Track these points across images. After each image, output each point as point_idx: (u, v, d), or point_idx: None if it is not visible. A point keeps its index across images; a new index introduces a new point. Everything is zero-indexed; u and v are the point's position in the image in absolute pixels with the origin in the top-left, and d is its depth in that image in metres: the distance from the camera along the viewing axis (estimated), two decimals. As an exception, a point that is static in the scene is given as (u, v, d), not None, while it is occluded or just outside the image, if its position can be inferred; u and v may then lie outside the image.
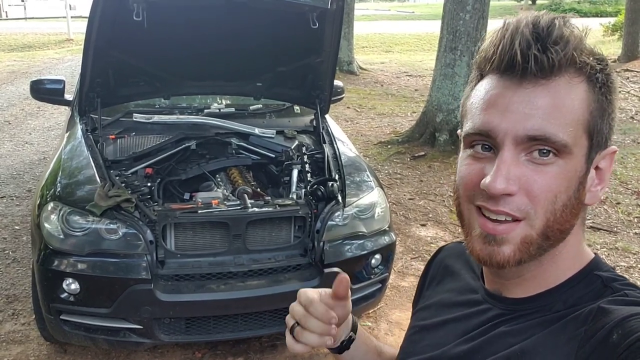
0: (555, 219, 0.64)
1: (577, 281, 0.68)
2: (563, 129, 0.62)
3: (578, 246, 0.70)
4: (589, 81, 0.63)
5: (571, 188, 0.64)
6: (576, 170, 0.64)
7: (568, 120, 0.62)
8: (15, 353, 2.99)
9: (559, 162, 0.63)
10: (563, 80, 0.62)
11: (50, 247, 2.65)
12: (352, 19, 12.28)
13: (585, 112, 0.63)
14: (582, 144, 0.64)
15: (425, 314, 0.87)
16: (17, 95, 9.48)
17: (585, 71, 0.63)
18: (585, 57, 0.62)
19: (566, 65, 0.62)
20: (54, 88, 3.87)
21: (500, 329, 0.70)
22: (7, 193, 5.19)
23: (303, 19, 3.16)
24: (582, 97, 0.63)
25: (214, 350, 3.08)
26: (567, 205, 0.64)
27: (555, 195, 0.63)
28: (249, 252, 2.81)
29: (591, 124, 0.64)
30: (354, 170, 3.32)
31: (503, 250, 0.65)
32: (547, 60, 0.61)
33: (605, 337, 0.58)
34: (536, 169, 0.63)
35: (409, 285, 3.87)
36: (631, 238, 4.59)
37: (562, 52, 0.61)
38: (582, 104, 0.63)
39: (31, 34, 17.77)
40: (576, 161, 0.64)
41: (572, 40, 0.61)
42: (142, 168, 3.15)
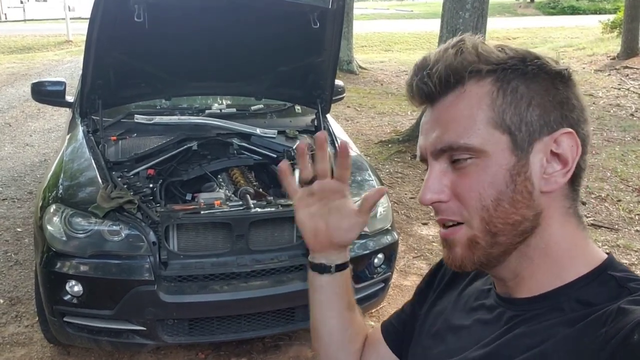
0: (490, 215, 0.68)
1: (590, 280, 0.68)
2: (463, 134, 0.67)
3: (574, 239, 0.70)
4: (494, 81, 0.67)
5: (499, 183, 0.67)
6: (500, 164, 0.67)
7: (467, 125, 0.67)
8: (19, 355, 3.00)
9: (475, 161, 0.67)
10: (455, 94, 0.69)
11: (53, 249, 2.65)
12: (351, 18, 12.28)
13: (486, 112, 0.67)
14: (496, 140, 0.67)
15: (437, 319, 0.86)
16: (17, 98, 9.48)
17: (484, 74, 0.68)
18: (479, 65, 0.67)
19: (449, 81, 0.68)
20: (55, 90, 3.87)
21: (516, 331, 0.69)
22: (9, 195, 5.19)
23: (304, 18, 3.16)
24: (480, 99, 0.67)
25: (217, 351, 3.08)
26: (500, 199, 0.67)
27: (479, 194, 0.67)
28: (251, 253, 2.80)
29: (500, 118, 0.67)
30: (355, 169, 3.32)
31: (455, 252, 0.71)
32: (426, 86, 0.70)
33: (625, 337, 0.58)
34: (459, 174, 0.69)
35: (411, 284, 3.87)
36: (632, 235, 4.60)
37: (435, 75, 0.68)
38: (479, 106, 0.67)
39: (30, 35, 17.77)
40: (496, 156, 0.67)
41: (445, 60, 0.68)
42: (144, 169, 3.14)
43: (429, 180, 0.71)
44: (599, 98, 9.30)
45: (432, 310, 0.89)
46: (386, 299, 3.46)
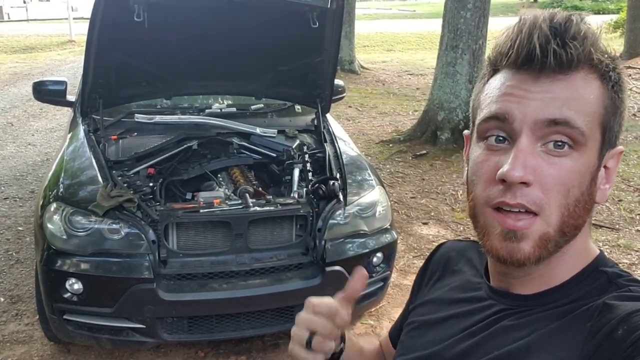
0: (569, 213, 0.64)
1: (583, 278, 0.68)
2: (582, 117, 0.62)
3: (585, 243, 0.70)
4: (602, 78, 0.64)
5: (584, 183, 0.64)
6: (589, 165, 0.64)
7: (586, 111, 0.63)
8: (20, 353, 3.01)
9: (573, 154, 0.63)
10: (580, 76, 0.63)
11: (53, 247, 2.66)
12: (353, 18, 12.27)
13: (600, 107, 0.64)
14: (596, 138, 0.64)
15: (424, 309, 0.87)
16: (19, 97, 9.51)
17: (600, 68, 0.64)
18: (600, 55, 0.64)
19: (583, 61, 0.63)
20: (56, 89, 3.89)
21: (503, 322, 0.70)
22: (10, 194, 5.21)
23: (303, 18, 3.17)
24: (597, 92, 0.64)
25: (216, 350, 3.09)
26: (580, 200, 0.64)
27: (568, 189, 0.63)
28: (250, 251, 2.82)
29: (605, 119, 0.65)
30: (355, 169, 3.33)
31: (523, 247, 0.64)
32: (565, 55, 0.62)
33: (610, 332, 0.58)
34: (550, 161, 0.63)
35: (411, 283, 3.83)
36: (633, 235, 4.59)
37: (580, 47, 0.62)
38: (597, 99, 0.64)
39: (33, 35, 17.83)
40: (590, 155, 0.64)
41: (589, 37, 0.63)
42: (144, 168, 3.16)
43: (521, 155, 0.62)
44: (601, 98, 9.28)
45: (422, 301, 0.90)
46: (385, 298, 3.47)
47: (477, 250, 0.85)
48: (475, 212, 0.69)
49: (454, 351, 0.74)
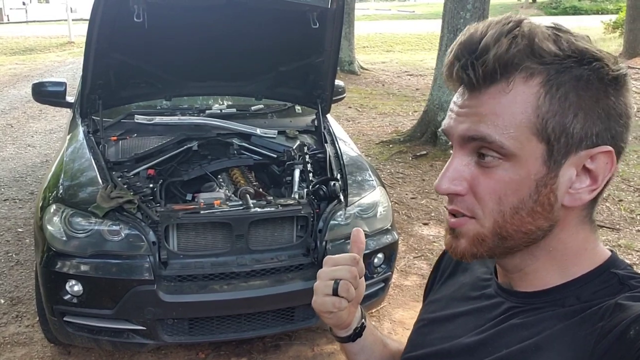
0: (504, 220, 0.66)
1: (592, 278, 0.68)
2: (501, 132, 0.63)
3: (583, 244, 0.69)
4: (544, 83, 0.62)
5: (522, 191, 0.64)
6: (529, 173, 0.64)
7: (507, 124, 0.63)
8: (20, 355, 3.00)
9: (504, 165, 0.64)
10: (499, 89, 0.63)
11: (53, 249, 2.65)
12: (352, 18, 12.28)
13: (530, 116, 0.62)
14: (532, 147, 0.63)
15: (435, 306, 0.87)
16: (19, 99, 9.51)
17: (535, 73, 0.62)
18: (531, 61, 0.62)
19: (495, 74, 0.63)
20: (55, 90, 3.88)
21: (512, 321, 0.70)
22: (10, 196, 5.20)
23: (303, 18, 3.17)
24: (526, 101, 0.62)
25: (217, 351, 3.08)
26: (519, 207, 0.65)
27: (499, 198, 0.65)
28: (251, 252, 2.81)
29: (542, 126, 0.62)
30: (355, 169, 3.32)
31: (460, 243, 0.69)
32: (467, 77, 0.64)
33: (622, 333, 0.58)
34: (483, 172, 0.66)
35: (412, 284, 3.87)
36: (634, 235, 4.59)
37: (481, 67, 0.63)
38: (523, 108, 0.62)
39: (33, 37, 17.83)
40: (527, 164, 0.64)
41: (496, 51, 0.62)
42: (144, 169, 3.15)
43: (449, 169, 0.68)
44: (601, 98, 9.28)
45: (433, 298, 0.90)
46: (387, 299, 3.46)
47: None
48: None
49: (462, 348, 0.74)
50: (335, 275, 0.83)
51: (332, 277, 0.83)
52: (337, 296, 0.82)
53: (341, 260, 0.84)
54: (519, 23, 0.63)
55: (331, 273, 0.83)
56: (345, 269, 0.83)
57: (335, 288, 0.82)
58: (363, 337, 0.92)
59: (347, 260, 0.84)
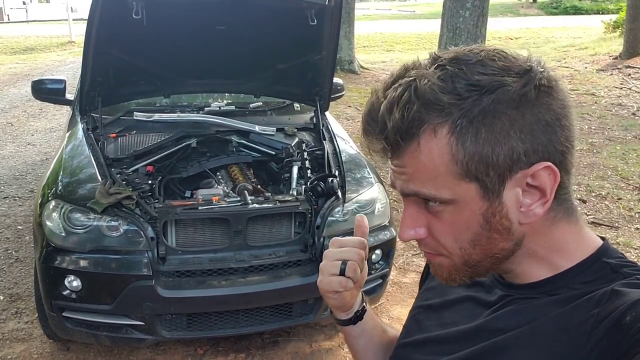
0: (468, 253, 0.68)
1: (585, 267, 0.68)
2: (430, 185, 0.65)
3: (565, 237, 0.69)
4: (451, 131, 0.62)
5: (473, 226, 0.66)
6: (472, 210, 0.65)
7: (432, 177, 0.64)
8: (19, 351, 3.01)
9: (448, 208, 0.66)
10: (411, 151, 0.64)
11: (52, 244, 2.66)
12: (352, 18, 12.26)
13: (448, 165, 0.63)
14: (464, 189, 0.64)
15: (430, 294, 0.88)
16: (19, 97, 9.52)
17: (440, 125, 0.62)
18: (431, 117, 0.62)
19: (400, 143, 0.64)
20: (55, 88, 3.89)
21: (508, 308, 0.71)
22: (10, 194, 5.22)
23: (301, 15, 3.17)
24: (440, 153, 0.63)
25: (215, 347, 3.09)
26: (476, 240, 0.67)
27: (454, 237, 0.68)
28: (249, 248, 2.82)
29: (464, 170, 0.63)
30: (354, 166, 3.33)
31: (441, 273, 0.73)
32: (378, 149, 0.67)
33: (618, 319, 0.58)
34: (434, 216, 0.68)
35: (410, 281, 3.88)
36: (632, 233, 4.59)
37: (384, 141, 0.65)
38: (440, 160, 0.63)
39: (33, 36, 17.83)
40: (466, 204, 0.65)
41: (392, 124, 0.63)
42: (143, 166, 3.16)
43: (405, 219, 0.71)
44: (601, 97, 9.29)
45: (429, 286, 0.91)
46: (385, 295, 3.47)
47: None
48: None
49: (458, 335, 0.75)
50: (343, 256, 0.85)
51: (339, 258, 0.85)
52: (344, 277, 0.84)
53: (348, 242, 0.86)
54: (409, 84, 0.63)
55: (339, 254, 0.85)
56: (354, 250, 0.85)
57: (342, 268, 0.84)
58: (364, 320, 0.94)
59: (355, 243, 0.86)
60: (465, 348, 0.72)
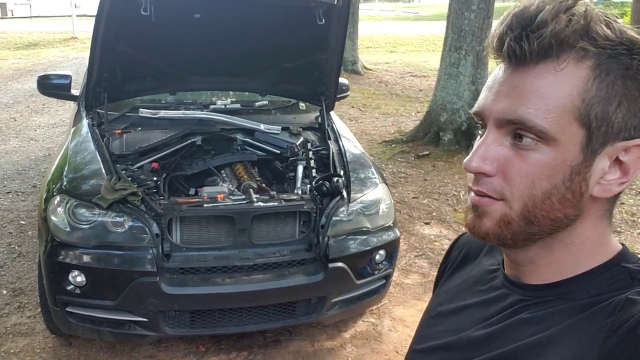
0: (534, 204, 0.64)
1: (602, 272, 0.67)
2: (542, 115, 0.61)
3: (600, 238, 0.68)
4: (594, 67, 0.61)
5: (556, 177, 0.63)
6: (565, 159, 0.62)
7: (550, 107, 0.61)
8: (21, 345, 3.01)
9: (541, 148, 0.62)
10: (548, 67, 0.61)
11: (57, 239, 2.66)
12: (356, 19, 12.28)
13: (575, 100, 0.61)
14: (572, 133, 0.62)
15: (442, 298, 0.86)
16: (22, 93, 9.52)
17: (587, 55, 0.61)
18: (586, 42, 0.60)
19: (549, 51, 0.61)
20: (60, 83, 3.90)
21: (521, 315, 0.69)
22: (13, 188, 5.22)
23: (309, 15, 3.17)
24: (574, 83, 0.61)
25: (217, 345, 3.09)
26: (551, 193, 0.63)
27: (532, 181, 0.63)
28: (254, 246, 2.82)
29: (585, 112, 0.61)
30: (358, 166, 3.33)
31: (484, 222, 0.67)
32: (520, 49, 0.61)
33: (633, 328, 0.57)
34: (517, 154, 0.64)
35: (412, 282, 3.87)
36: (635, 238, 4.59)
37: (536, 40, 0.60)
38: (570, 91, 0.61)
39: (36, 32, 17.82)
40: (565, 150, 0.62)
41: (554, 27, 0.60)
42: (148, 163, 3.16)
43: (481, 147, 0.65)
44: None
45: (440, 290, 0.89)
46: (387, 296, 3.47)
47: None
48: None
49: (470, 342, 0.73)
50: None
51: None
52: None
53: None
54: (575, 1, 0.61)
55: None
56: None
57: None
58: None
59: None
60: (476, 356, 0.70)
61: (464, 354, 0.72)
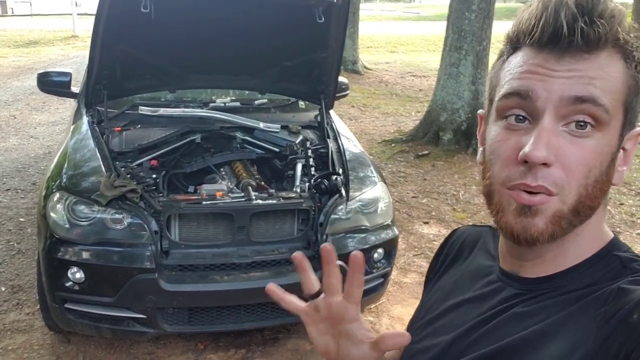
0: (587, 194, 0.63)
1: (596, 261, 0.67)
2: (607, 95, 0.61)
3: (599, 225, 0.69)
4: (626, 58, 0.63)
5: (604, 163, 0.63)
6: (610, 145, 0.63)
7: (611, 89, 0.62)
8: (20, 342, 3.02)
9: (596, 135, 0.62)
10: (605, 54, 0.62)
11: (56, 236, 2.67)
12: (357, 18, 12.28)
13: (624, 86, 0.63)
14: (618, 117, 0.63)
15: (438, 295, 0.86)
16: (22, 91, 9.52)
17: (625, 48, 0.63)
18: (624, 34, 0.63)
19: (610, 40, 0.62)
20: (60, 80, 3.90)
21: (516, 309, 0.69)
22: (12, 186, 5.22)
23: (309, 13, 3.17)
24: (621, 71, 0.63)
25: (216, 342, 3.10)
26: (598, 181, 0.63)
27: (589, 170, 0.62)
28: (252, 244, 2.82)
29: (628, 98, 0.63)
30: (357, 165, 3.33)
31: (537, 222, 0.63)
32: (593, 34, 0.61)
33: (625, 317, 0.58)
34: (573, 141, 0.62)
35: (411, 281, 3.88)
36: (634, 239, 4.60)
37: (608, 26, 0.61)
38: (621, 78, 0.63)
39: (37, 30, 17.82)
40: (612, 135, 0.63)
41: (616, 15, 0.62)
42: (148, 160, 3.16)
43: (545, 135, 0.61)
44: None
45: (435, 286, 0.89)
46: (385, 295, 3.47)
47: (492, 235, 0.84)
48: (490, 190, 0.68)
49: (466, 338, 0.73)
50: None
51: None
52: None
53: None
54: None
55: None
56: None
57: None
58: None
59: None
60: (473, 352, 0.70)
61: (461, 351, 0.72)
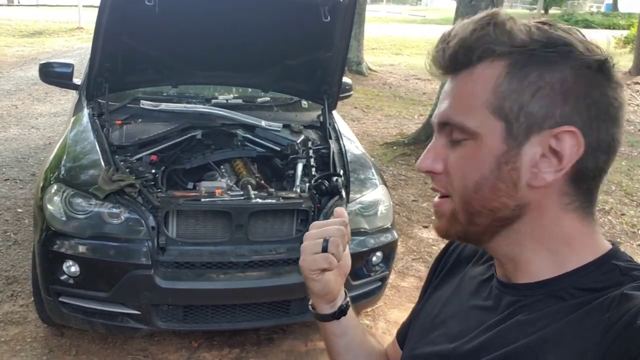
0: (469, 196, 0.68)
1: (593, 268, 0.67)
2: (463, 112, 0.67)
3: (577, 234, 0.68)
4: (507, 65, 0.65)
5: (484, 167, 0.67)
6: (490, 150, 0.66)
7: (468, 105, 0.67)
8: (13, 334, 2.99)
9: (468, 143, 0.68)
10: (467, 71, 0.67)
11: (52, 228, 2.64)
12: (363, 19, 12.24)
13: (489, 95, 0.65)
14: (491, 125, 0.66)
15: (438, 302, 0.86)
16: (25, 81, 9.51)
17: (498, 55, 0.65)
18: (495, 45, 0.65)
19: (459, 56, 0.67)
20: (62, 72, 3.86)
21: (518, 317, 0.69)
22: (11, 176, 5.20)
23: (315, 12, 3.15)
24: (486, 81, 0.66)
25: (210, 341, 3.07)
26: (481, 183, 0.67)
27: (463, 174, 0.68)
28: (250, 243, 2.80)
29: (499, 104, 0.65)
30: (359, 167, 3.31)
31: (441, 222, 0.73)
32: (442, 59, 0.69)
33: (629, 322, 0.58)
34: (454, 152, 0.69)
35: (409, 285, 3.85)
36: (635, 249, 4.57)
37: (448, 50, 0.67)
38: (485, 87, 0.66)
39: (42, 20, 17.84)
40: (488, 141, 0.66)
41: (462, 35, 0.66)
42: (147, 155, 3.14)
43: (428, 150, 0.72)
44: (608, 112, 9.26)
45: (432, 296, 0.89)
46: (383, 299, 3.44)
47: None
48: None
49: (468, 346, 0.73)
50: (324, 234, 0.84)
51: (320, 236, 0.84)
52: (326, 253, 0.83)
53: (329, 222, 0.86)
54: (495, 15, 0.66)
55: (320, 233, 0.84)
56: (335, 227, 0.84)
57: (325, 246, 0.82)
58: (347, 317, 0.92)
59: (336, 222, 0.85)
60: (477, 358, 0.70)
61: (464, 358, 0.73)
